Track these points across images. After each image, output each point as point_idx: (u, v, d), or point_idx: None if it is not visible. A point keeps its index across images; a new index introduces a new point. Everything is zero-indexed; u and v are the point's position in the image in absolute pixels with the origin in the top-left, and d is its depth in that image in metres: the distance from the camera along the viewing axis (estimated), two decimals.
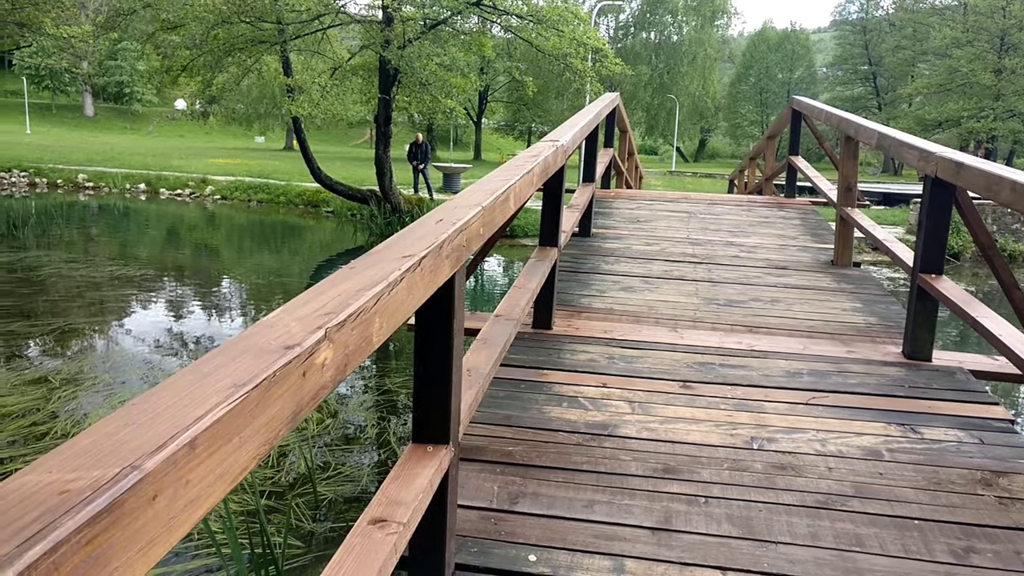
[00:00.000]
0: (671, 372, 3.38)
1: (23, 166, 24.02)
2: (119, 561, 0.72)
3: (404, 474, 1.78)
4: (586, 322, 4.05)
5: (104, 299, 10.10)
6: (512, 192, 2.48)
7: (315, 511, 4.42)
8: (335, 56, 18.43)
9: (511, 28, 16.53)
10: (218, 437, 0.87)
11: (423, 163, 19.60)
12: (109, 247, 14.47)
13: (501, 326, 2.80)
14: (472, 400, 2.22)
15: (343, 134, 49.30)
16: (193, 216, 19.98)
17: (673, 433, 2.79)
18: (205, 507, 0.87)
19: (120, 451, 0.77)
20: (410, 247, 1.64)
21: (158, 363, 7.35)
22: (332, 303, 1.27)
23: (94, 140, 38.79)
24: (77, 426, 5.60)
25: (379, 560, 1.51)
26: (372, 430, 5.75)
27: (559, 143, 3.51)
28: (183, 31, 16.51)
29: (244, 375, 0.96)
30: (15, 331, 8.11)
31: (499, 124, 51.15)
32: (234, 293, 11.45)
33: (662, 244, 5.72)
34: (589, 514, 2.28)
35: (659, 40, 50.22)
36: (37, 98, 50.21)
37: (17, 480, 0.71)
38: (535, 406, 3.01)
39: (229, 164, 28.13)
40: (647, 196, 8.03)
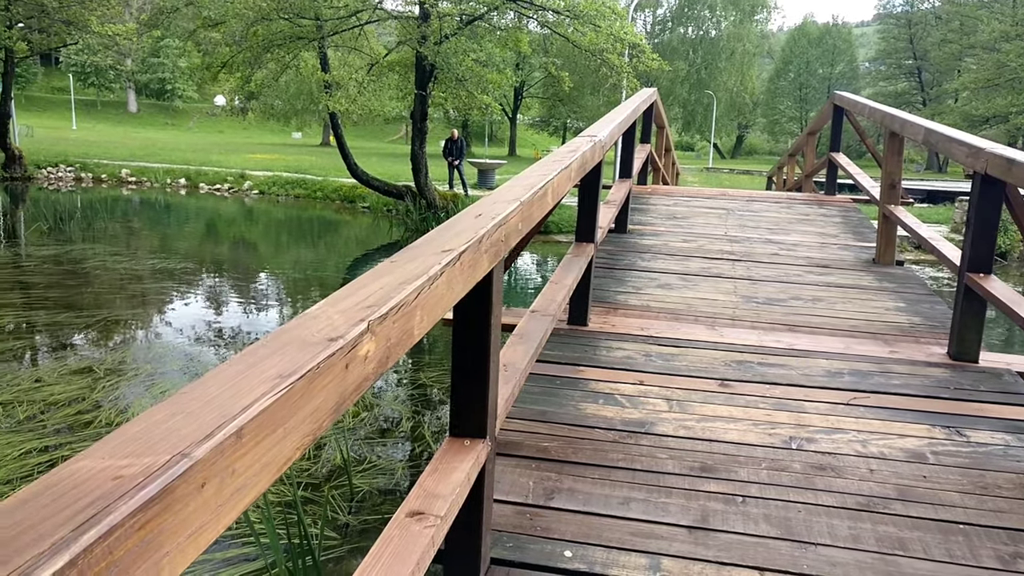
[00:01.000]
0: (709, 370, 3.35)
1: (69, 161, 24.62)
2: (170, 546, 0.73)
3: (441, 467, 1.78)
4: (622, 319, 4.03)
5: (145, 291, 10.31)
6: (550, 187, 2.47)
7: (350, 503, 4.47)
8: (372, 52, 18.57)
9: (547, 24, 16.48)
10: (264, 427, 0.88)
11: (458, 159, 19.66)
12: (150, 240, 14.77)
13: (537, 322, 2.80)
14: (509, 395, 2.22)
15: (379, 130, 49.67)
16: (231, 210, 20.30)
17: (711, 431, 2.77)
18: (251, 496, 0.88)
19: (170, 439, 0.78)
20: (449, 242, 1.65)
21: (197, 355, 7.48)
22: (374, 296, 1.27)
23: (137, 136, 39.62)
24: (121, 415, 5.72)
25: (416, 552, 1.52)
26: (407, 423, 5.79)
27: (597, 138, 3.49)
28: (223, 28, 16.77)
29: (289, 366, 0.97)
30: (62, 322, 8.32)
31: (534, 120, 51.09)
32: (271, 287, 11.62)
33: (700, 241, 5.66)
34: (625, 511, 2.27)
35: (697, 35, 49.68)
36: (83, 95, 51.43)
37: (72, 465, 0.73)
38: (571, 402, 3.00)
39: (267, 159, 28.53)
40: (684, 192, 7.96)
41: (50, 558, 0.60)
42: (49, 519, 0.64)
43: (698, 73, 48.22)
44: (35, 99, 48.38)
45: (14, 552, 0.60)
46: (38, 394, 6.01)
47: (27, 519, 0.64)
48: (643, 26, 48.95)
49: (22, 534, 0.62)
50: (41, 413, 5.65)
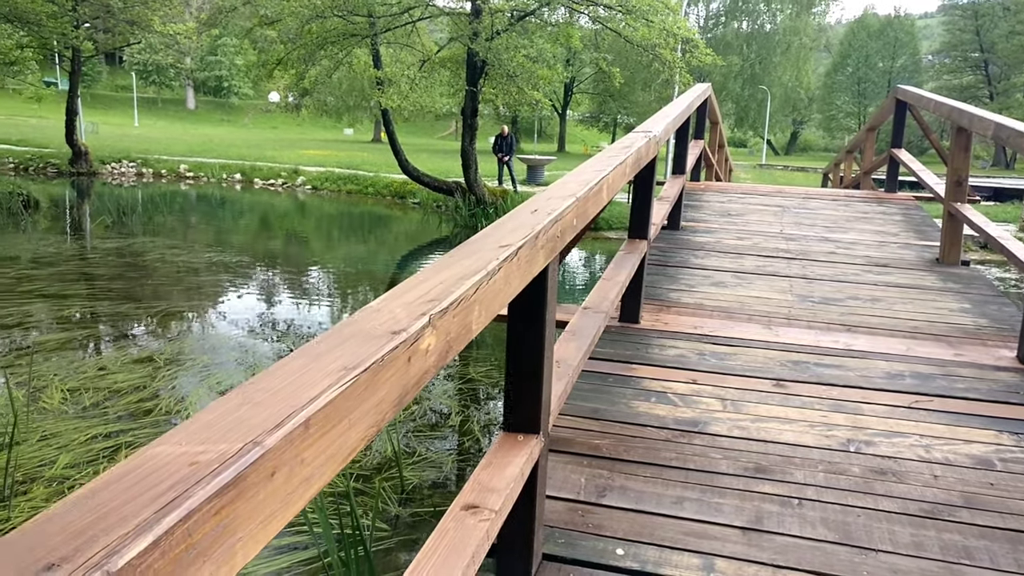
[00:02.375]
0: (764, 370, 3.29)
1: (131, 157, 25.41)
2: (243, 532, 0.75)
3: (495, 462, 1.79)
4: (675, 317, 3.99)
5: (202, 284, 10.59)
6: (605, 183, 2.46)
7: (400, 495, 4.52)
8: (424, 49, 18.70)
9: (599, 19, 16.37)
10: (330, 418, 0.90)
11: (508, 155, 19.70)
12: (206, 234, 15.15)
13: (590, 318, 2.79)
14: (562, 392, 2.22)
15: (429, 126, 50.03)
16: (285, 205, 20.69)
17: (765, 432, 2.72)
18: (317, 486, 0.89)
19: (241, 427, 0.80)
20: (507, 237, 1.65)
21: (251, 347, 7.65)
22: (435, 290, 1.28)
23: (195, 132, 40.68)
24: (179, 404, 5.89)
25: (471, 545, 1.53)
26: (456, 418, 5.83)
27: (651, 134, 3.46)
28: (279, 26, 17.08)
29: (353, 359, 0.99)
30: (124, 312, 8.60)
31: (583, 116, 50.82)
32: (322, 281, 11.81)
33: (754, 239, 5.57)
34: (678, 511, 2.25)
35: (751, 29, 48.74)
36: (145, 92, 53.02)
37: (151, 450, 0.75)
38: (622, 400, 2.98)
39: (319, 155, 29.00)
40: (738, 189, 7.83)
41: (135, 538, 0.62)
42: (132, 501, 0.67)
43: (752, 68, 47.32)
44: (100, 97, 50.06)
45: (101, 531, 0.62)
46: (103, 381, 6.22)
47: (112, 500, 0.67)
48: (696, 20, 48.25)
49: (108, 514, 0.65)
50: (105, 400, 5.84)
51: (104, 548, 0.61)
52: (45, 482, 4.46)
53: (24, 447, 4.84)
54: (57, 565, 0.59)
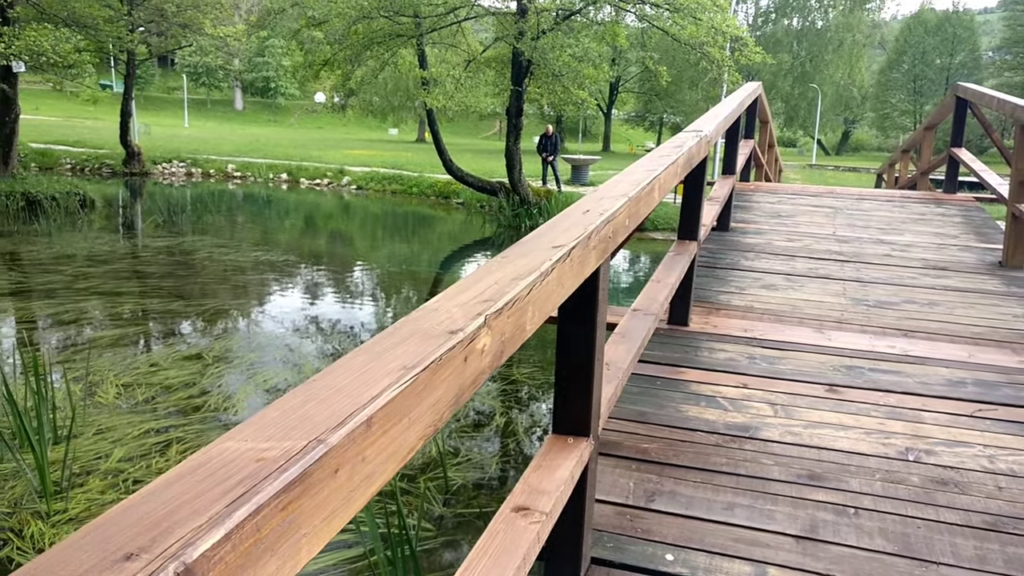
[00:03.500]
0: (816, 375, 3.22)
1: (181, 157, 26.02)
2: (307, 528, 0.75)
3: (545, 464, 1.78)
4: (724, 320, 3.93)
5: (248, 282, 10.78)
6: (657, 183, 2.43)
7: (445, 495, 4.54)
8: (469, 48, 18.78)
9: (646, 17, 16.25)
10: (391, 416, 0.90)
11: (552, 155, 19.67)
12: (253, 233, 15.42)
13: (639, 320, 2.76)
14: (611, 394, 2.20)
15: (473, 126, 50.24)
16: (330, 205, 20.97)
17: (819, 439, 2.66)
18: (378, 483, 0.89)
19: (305, 425, 0.81)
20: (559, 237, 1.64)
21: (296, 345, 7.76)
22: (489, 291, 1.28)
23: (242, 132, 41.47)
24: (227, 401, 5.99)
25: (522, 547, 1.52)
26: (500, 419, 5.84)
27: (703, 133, 3.41)
28: (326, 27, 17.31)
29: (413, 358, 0.99)
30: (174, 310, 8.80)
31: (629, 115, 50.48)
32: (366, 280, 11.93)
33: (805, 240, 5.46)
34: (729, 517, 2.21)
35: (802, 26, 47.80)
36: (194, 94, 54.25)
37: (219, 445, 0.76)
38: (671, 404, 2.95)
39: (364, 155, 29.31)
40: (788, 190, 7.69)
41: (208, 531, 0.63)
42: (204, 494, 0.67)
43: (802, 66, 46.40)
44: (152, 99, 51.39)
45: (176, 523, 0.63)
46: (154, 377, 6.37)
47: (185, 493, 0.68)
48: (744, 18, 47.56)
49: (182, 507, 0.66)
50: (157, 396, 5.98)
51: (179, 540, 0.61)
52: (100, 475, 4.58)
53: (81, 440, 4.98)
54: (136, 555, 0.59)
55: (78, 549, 0.61)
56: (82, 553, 0.60)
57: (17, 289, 9.37)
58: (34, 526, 3.96)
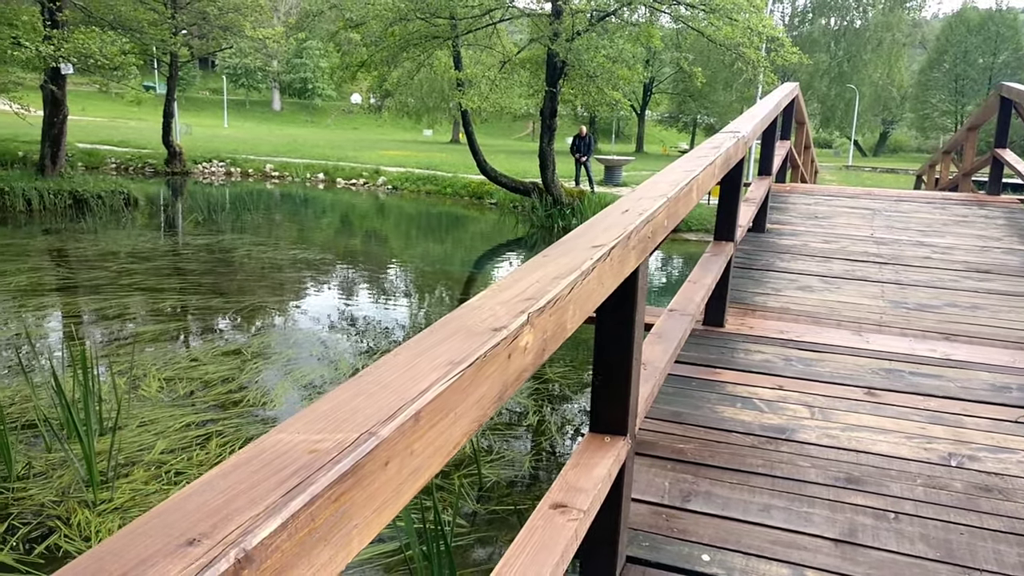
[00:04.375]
0: (854, 377, 3.18)
1: (221, 157, 26.46)
2: (359, 519, 0.77)
3: (583, 462, 1.79)
4: (760, 321, 3.90)
5: (285, 280, 10.93)
6: (695, 184, 2.43)
7: (479, 492, 4.57)
8: (504, 50, 18.82)
9: (681, 18, 16.13)
10: (438, 411, 0.92)
11: (586, 156, 19.63)
12: (290, 232, 15.63)
13: (676, 321, 2.75)
14: (648, 394, 2.20)
15: (506, 127, 50.31)
16: (366, 205, 21.16)
17: (857, 442, 2.63)
18: (425, 477, 0.91)
19: (356, 418, 0.83)
20: (599, 237, 1.65)
21: (332, 343, 7.85)
22: (531, 289, 1.29)
23: (280, 132, 42.05)
24: (265, 396, 6.09)
25: (561, 544, 1.53)
26: (533, 417, 5.85)
27: (740, 134, 3.39)
28: (363, 29, 17.48)
29: (458, 354, 1.01)
30: (214, 307, 8.96)
31: (662, 116, 50.17)
32: (400, 279, 12.02)
33: (842, 242, 5.39)
34: (765, 518, 2.20)
35: (840, 26, 47.05)
36: (234, 95, 55.14)
37: (273, 437, 0.78)
38: (707, 404, 2.94)
39: (399, 156, 29.53)
40: (825, 191, 7.58)
41: (265, 520, 0.65)
42: (260, 484, 0.70)
43: (839, 66, 45.67)
44: (193, 100, 52.35)
45: (235, 511, 0.66)
46: (195, 372, 6.50)
47: (242, 482, 0.70)
48: (781, 18, 46.95)
49: (239, 496, 0.68)
50: (197, 390, 6.10)
51: (238, 527, 0.64)
52: (144, 466, 4.69)
53: (125, 432, 5.10)
54: (198, 540, 0.62)
55: (143, 534, 0.64)
56: (147, 538, 0.63)
57: (64, 285, 9.63)
58: (81, 514, 4.07)
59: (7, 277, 9.68)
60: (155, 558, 0.60)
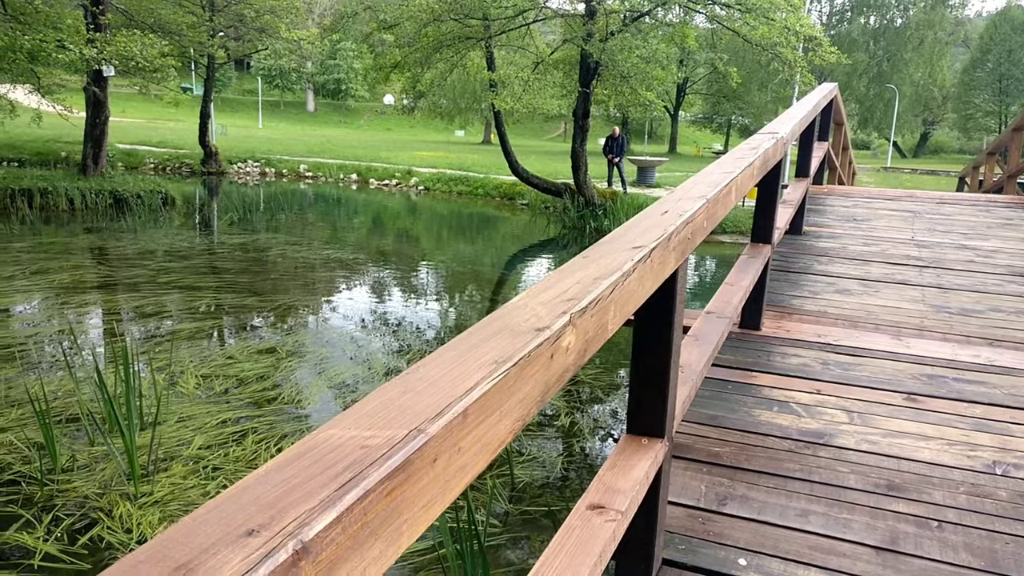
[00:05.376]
0: (894, 382, 3.13)
1: (256, 157, 26.84)
2: (408, 515, 0.79)
3: (620, 464, 1.79)
4: (797, 324, 3.85)
5: (318, 279, 11.05)
6: (734, 185, 2.41)
7: (511, 493, 4.58)
8: (537, 50, 18.82)
9: (716, 18, 15.99)
10: (484, 409, 0.92)
11: (619, 156, 19.56)
12: (324, 232, 15.79)
13: (713, 323, 2.74)
14: (686, 397, 2.19)
15: (538, 128, 50.34)
16: (398, 205, 21.30)
17: (898, 448, 2.59)
18: (471, 474, 0.92)
19: (405, 415, 0.84)
20: (639, 238, 1.64)
21: (365, 342, 7.91)
22: (572, 290, 1.30)
23: (314, 133, 42.50)
24: (299, 394, 6.16)
25: (598, 545, 1.53)
26: (565, 419, 5.84)
27: (779, 135, 3.36)
28: (397, 30, 17.61)
29: (503, 353, 1.01)
30: (248, 305, 9.09)
31: (696, 117, 49.79)
32: (431, 279, 12.08)
33: (882, 245, 5.30)
34: (803, 524, 2.17)
35: (880, 24, 46.25)
36: (268, 96, 55.92)
37: (324, 432, 0.80)
38: (743, 408, 2.91)
39: (431, 156, 29.68)
40: (864, 193, 7.47)
41: (320, 513, 0.66)
42: (313, 479, 0.71)
43: (879, 65, 44.89)
44: (229, 101, 53.14)
45: (290, 504, 0.67)
46: (231, 369, 6.60)
47: (296, 476, 0.71)
48: (818, 17, 46.29)
49: (294, 489, 0.69)
50: (233, 387, 6.19)
51: (295, 520, 0.65)
52: (183, 460, 4.78)
53: (164, 427, 5.20)
54: (256, 532, 0.63)
55: (204, 523, 0.65)
56: (208, 527, 0.65)
57: (105, 282, 9.84)
58: (122, 507, 4.16)
59: (51, 275, 9.92)
60: (217, 547, 0.62)
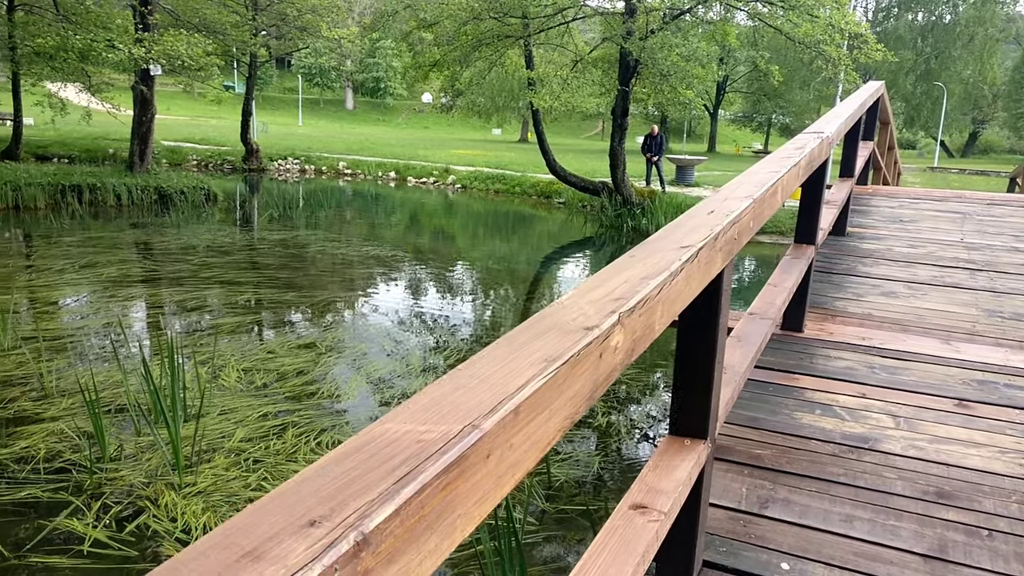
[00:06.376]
0: (943, 388, 3.07)
1: (296, 154, 27.21)
2: (462, 509, 0.79)
3: (663, 464, 1.78)
4: (840, 327, 3.79)
5: (356, 276, 11.16)
6: (780, 185, 2.38)
7: (547, 491, 4.58)
8: (576, 48, 18.77)
9: (759, 15, 15.77)
10: (535, 407, 0.93)
11: (657, 155, 19.42)
12: (362, 229, 15.95)
13: (756, 325, 2.70)
14: (728, 398, 2.17)
15: (575, 127, 50.20)
16: (435, 203, 21.42)
17: (947, 455, 2.53)
18: (522, 471, 0.93)
19: (458, 411, 0.85)
20: (686, 238, 1.64)
21: (403, 339, 7.97)
22: (620, 289, 1.29)
23: (352, 131, 42.96)
24: (338, 389, 6.23)
25: (641, 545, 1.53)
26: (601, 419, 5.83)
27: (824, 135, 3.30)
28: (436, 29, 17.70)
29: (553, 351, 1.02)
30: (288, 300, 9.22)
31: (735, 116, 49.20)
32: (466, 276, 12.13)
33: (929, 247, 5.18)
34: (848, 529, 2.14)
35: (928, 21, 45.18)
36: (308, 94, 56.62)
37: (380, 427, 0.81)
38: (784, 410, 2.87)
39: (468, 155, 29.79)
40: (910, 193, 7.31)
41: (380, 505, 0.67)
42: (371, 472, 0.72)
43: (926, 63, 43.85)
44: (269, 99, 53.95)
45: (350, 496, 0.68)
46: (271, 364, 6.70)
47: (354, 469, 0.72)
48: (863, 14, 45.38)
49: (353, 482, 0.70)
50: (273, 381, 6.29)
51: (355, 512, 0.66)
52: (225, 452, 4.87)
53: (207, 419, 5.31)
54: (318, 522, 0.65)
55: (267, 513, 0.67)
56: (271, 516, 0.66)
57: (150, 276, 10.07)
58: (167, 496, 4.26)
59: (99, 268, 10.18)
60: (280, 536, 0.63)
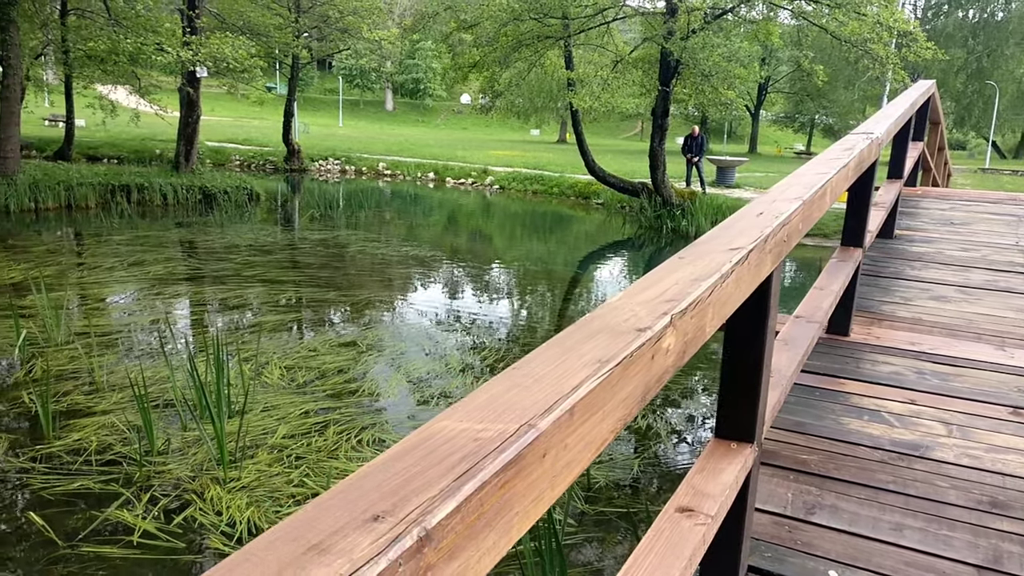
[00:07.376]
0: (998, 395, 2.99)
1: (336, 155, 27.55)
2: (519, 508, 0.80)
3: (709, 467, 1.77)
4: (888, 331, 3.71)
5: (396, 276, 11.25)
6: (829, 187, 2.34)
7: (587, 493, 4.57)
8: (616, 49, 18.68)
9: (803, 14, 15.52)
10: (589, 407, 0.93)
11: (698, 156, 19.24)
12: (401, 229, 16.08)
13: (802, 328, 2.67)
14: (775, 402, 2.14)
15: (614, 127, 49.97)
16: (474, 204, 21.50)
17: (1002, 464, 2.47)
18: (577, 471, 0.93)
19: (514, 409, 0.85)
20: (735, 240, 1.62)
21: (441, 338, 8.02)
22: (671, 291, 1.29)
23: (392, 132, 43.32)
24: (379, 387, 6.29)
25: (688, 548, 1.52)
26: (641, 421, 5.79)
27: (873, 136, 3.24)
28: (476, 30, 17.76)
29: (605, 352, 1.02)
30: (330, 299, 9.34)
31: (777, 116, 48.49)
32: (503, 277, 12.15)
33: (982, 251, 5.05)
34: (898, 538, 2.10)
35: (979, 18, 43.97)
36: (349, 95, 57.26)
37: (437, 424, 0.82)
38: (830, 416, 2.83)
39: (507, 155, 29.83)
40: (962, 195, 7.13)
41: (441, 502, 0.68)
42: (431, 468, 0.73)
43: (978, 61, 42.67)
44: (311, 100, 54.70)
45: (412, 492, 0.69)
46: (313, 362, 6.79)
47: (414, 466, 0.73)
48: (912, 11, 44.37)
49: (413, 478, 0.71)
50: (315, 379, 6.38)
51: (417, 507, 0.67)
52: (268, 448, 4.96)
53: (251, 416, 5.40)
54: (382, 517, 0.66)
55: (330, 508, 0.68)
56: (335, 511, 0.67)
57: (194, 275, 10.28)
58: (213, 490, 4.34)
59: (146, 267, 10.43)
60: (346, 530, 0.64)
